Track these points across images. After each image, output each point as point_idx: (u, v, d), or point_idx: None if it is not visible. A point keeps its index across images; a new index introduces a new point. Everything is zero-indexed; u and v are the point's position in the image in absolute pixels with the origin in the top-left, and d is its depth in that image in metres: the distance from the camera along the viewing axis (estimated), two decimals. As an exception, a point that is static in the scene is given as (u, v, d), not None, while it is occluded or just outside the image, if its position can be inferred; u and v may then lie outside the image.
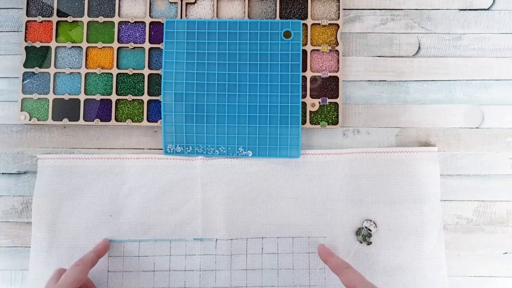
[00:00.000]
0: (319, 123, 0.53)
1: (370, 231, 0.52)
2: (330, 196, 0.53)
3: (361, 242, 0.52)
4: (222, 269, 0.52)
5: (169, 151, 0.53)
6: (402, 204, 0.52)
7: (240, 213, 0.53)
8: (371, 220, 0.52)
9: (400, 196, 0.52)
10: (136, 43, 0.55)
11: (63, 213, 0.52)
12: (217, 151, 0.53)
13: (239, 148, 0.53)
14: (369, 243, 0.52)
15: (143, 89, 0.54)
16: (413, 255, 0.51)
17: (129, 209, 0.53)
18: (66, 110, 0.54)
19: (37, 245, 0.52)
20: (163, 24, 0.54)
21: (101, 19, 0.54)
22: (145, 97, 0.54)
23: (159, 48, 0.54)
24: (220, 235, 0.52)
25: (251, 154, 0.53)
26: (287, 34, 0.53)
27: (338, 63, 0.54)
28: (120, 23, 0.55)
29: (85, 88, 0.54)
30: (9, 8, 0.56)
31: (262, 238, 0.52)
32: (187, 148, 0.53)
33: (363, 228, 0.52)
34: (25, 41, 0.54)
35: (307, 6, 0.54)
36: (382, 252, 0.52)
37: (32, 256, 0.52)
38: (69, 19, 0.54)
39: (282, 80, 0.53)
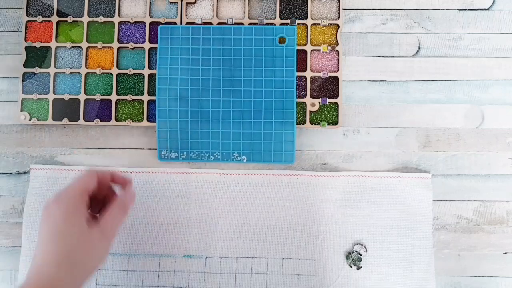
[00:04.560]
0: (319, 123, 0.53)
1: (360, 255, 0.51)
2: (321, 218, 0.52)
3: (351, 266, 0.51)
4: (211, 287, 0.52)
5: (163, 157, 0.53)
6: (393, 229, 0.52)
7: (231, 232, 0.52)
8: (361, 244, 0.52)
9: (391, 222, 0.52)
10: (136, 43, 0.55)
11: None
12: (211, 156, 0.53)
13: (234, 154, 0.53)
14: (359, 267, 0.51)
15: (143, 89, 0.54)
16: (402, 281, 0.51)
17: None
18: (66, 110, 0.54)
19: (26, 255, 0.51)
20: (163, 24, 0.54)
21: (101, 19, 0.54)
22: (145, 97, 0.54)
23: (159, 48, 0.54)
24: (210, 253, 0.52)
25: (245, 159, 0.53)
26: (281, 40, 0.53)
27: (338, 63, 0.54)
28: (120, 23, 0.55)
29: (85, 88, 0.54)
30: (9, 8, 0.56)
31: (252, 257, 0.52)
32: (181, 154, 0.53)
33: (353, 252, 0.51)
34: (25, 41, 0.54)
35: (307, 6, 0.54)
36: (372, 277, 0.51)
37: (21, 268, 0.51)
38: (69, 19, 0.54)
39: (276, 85, 0.52)
